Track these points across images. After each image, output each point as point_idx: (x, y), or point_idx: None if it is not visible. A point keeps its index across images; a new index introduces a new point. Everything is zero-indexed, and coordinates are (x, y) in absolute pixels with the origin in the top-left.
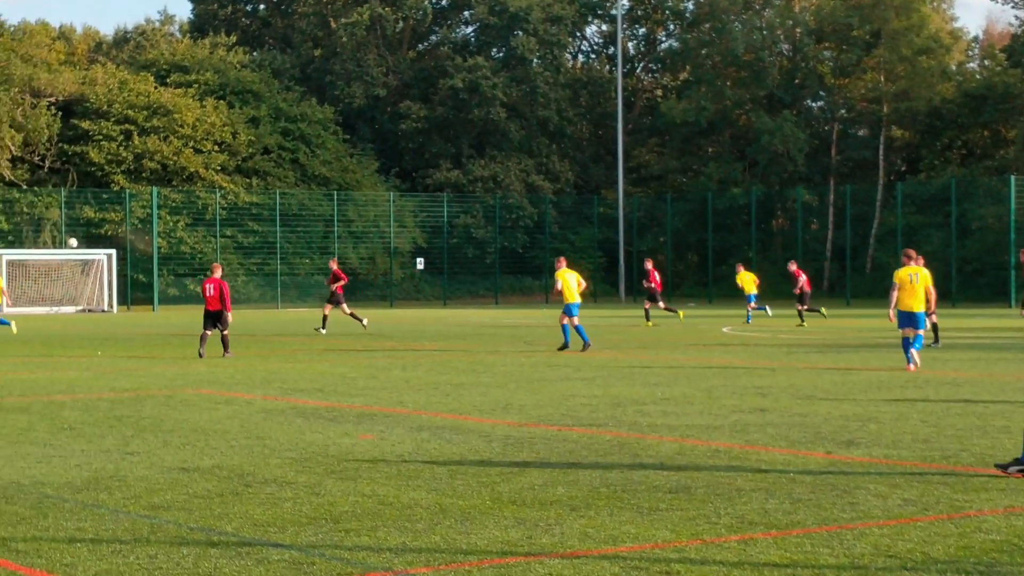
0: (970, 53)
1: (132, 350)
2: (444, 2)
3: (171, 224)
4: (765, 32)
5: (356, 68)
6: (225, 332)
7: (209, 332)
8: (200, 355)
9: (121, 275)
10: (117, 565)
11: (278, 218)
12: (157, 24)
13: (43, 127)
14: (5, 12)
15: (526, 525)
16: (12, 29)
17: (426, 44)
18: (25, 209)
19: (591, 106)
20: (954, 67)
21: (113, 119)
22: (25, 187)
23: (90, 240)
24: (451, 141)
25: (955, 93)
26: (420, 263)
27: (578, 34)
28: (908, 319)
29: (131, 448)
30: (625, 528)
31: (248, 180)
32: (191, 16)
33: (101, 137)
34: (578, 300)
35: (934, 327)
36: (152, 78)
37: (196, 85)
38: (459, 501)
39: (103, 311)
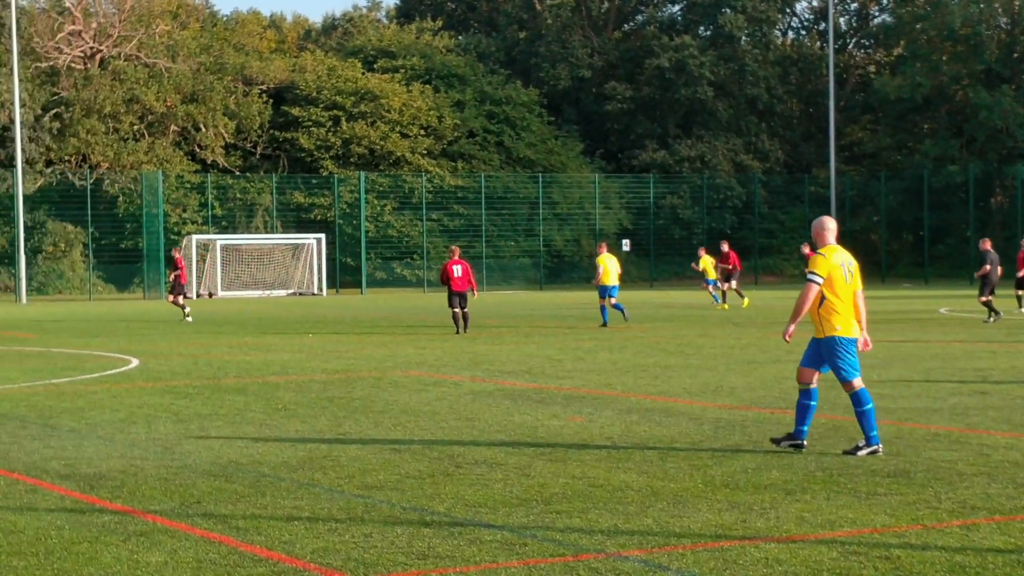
0: None
1: (342, 332)
2: None
3: (378, 208)
4: (983, 5)
5: (561, 50)
6: (466, 310)
7: (458, 310)
8: (457, 332)
9: (330, 259)
10: (333, 543)
11: (483, 201)
12: (364, 11)
13: (255, 114)
14: (219, 2)
15: (740, 509)
16: (225, 19)
17: (631, 24)
18: (238, 195)
19: (801, 83)
20: None
21: (322, 105)
22: (238, 173)
23: (300, 225)
24: (657, 121)
25: None
26: (626, 244)
27: (787, 10)
28: None
29: (343, 429)
30: (842, 512)
31: (453, 164)
32: (398, 2)
33: (310, 123)
34: (616, 283)
35: None
36: (359, 64)
37: (403, 70)
38: (671, 484)
39: (313, 294)
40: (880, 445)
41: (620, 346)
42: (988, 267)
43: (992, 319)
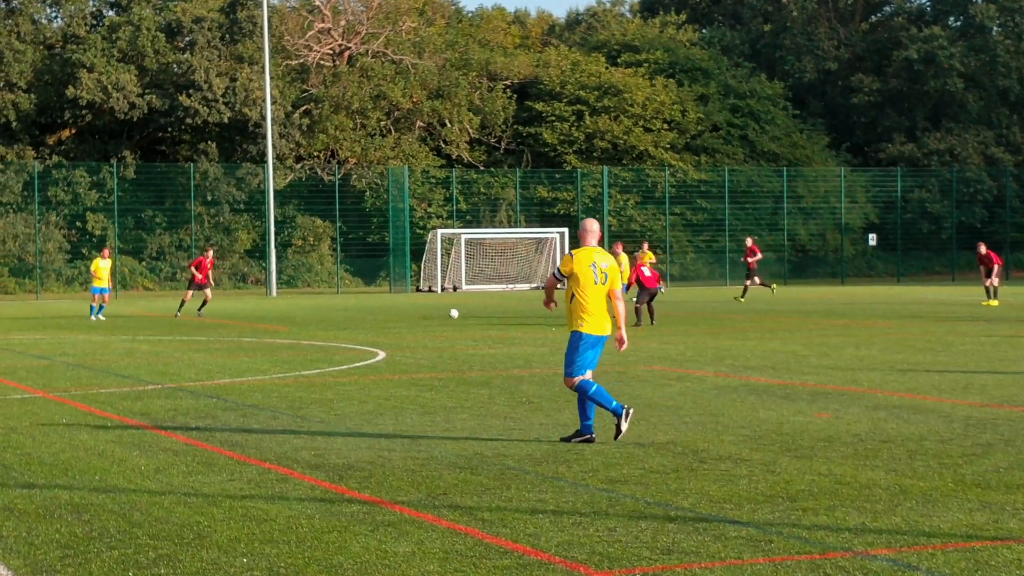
0: None
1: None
2: None
3: (621, 202)
4: None
5: (807, 42)
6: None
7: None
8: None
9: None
10: (578, 537)
11: (727, 195)
12: (608, 5)
13: (499, 110)
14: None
15: (992, 509)
16: (470, 15)
17: (879, 15)
18: (482, 189)
19: None
20: None
21: (565, 100)
22: (482, 168)
23: (543, 219)
24: (904, 114)
25: None
26: (872, 239)
27: None
28: None
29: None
30: None
31: (696, 158)
32: None
33: (554, 118)
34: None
35: None
36: (603, 59)
37: (646, 64)
38: (919, 482)
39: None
40: (594, 434)
41: (867, 342)
42: None
43: None
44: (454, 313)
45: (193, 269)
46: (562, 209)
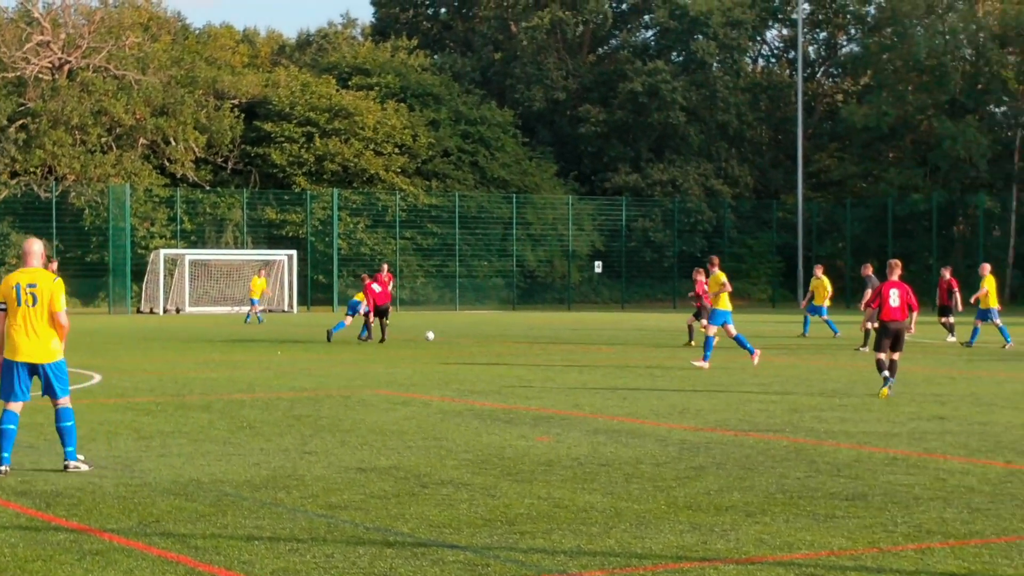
0: None
1: (311, 350)
2: (624, 6)
3: (351, 226)
4: (948, 37)
5: (536, 71)
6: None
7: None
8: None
9: (301, 276)
10: (294, 563)
11: (457, 220)
12: (339, 27)
13: (226, 129)
14: (191, 16)
15: (701, 530)
16: (197, 32)
17: (606, 48)
18: (208, 210)
19: (771, 110)
20: None
21: (295, 121)
22: (208, 188)
23: (271, 241)
24: (630, 145)
25: None
26: (598, 266)
27: (758, 38)
28: None
29: (309, 447)
30: (801, 535)
31: (428, 182)
32: (373, 19)
33: (283, 139)
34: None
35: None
36: (334, 81)
37: (377, 88)
38: (634, 505)
39: (283, 311)
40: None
41: (590, 367)
42: (870, 291)
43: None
44: (429, 335)
45: None
46: (291, 231)
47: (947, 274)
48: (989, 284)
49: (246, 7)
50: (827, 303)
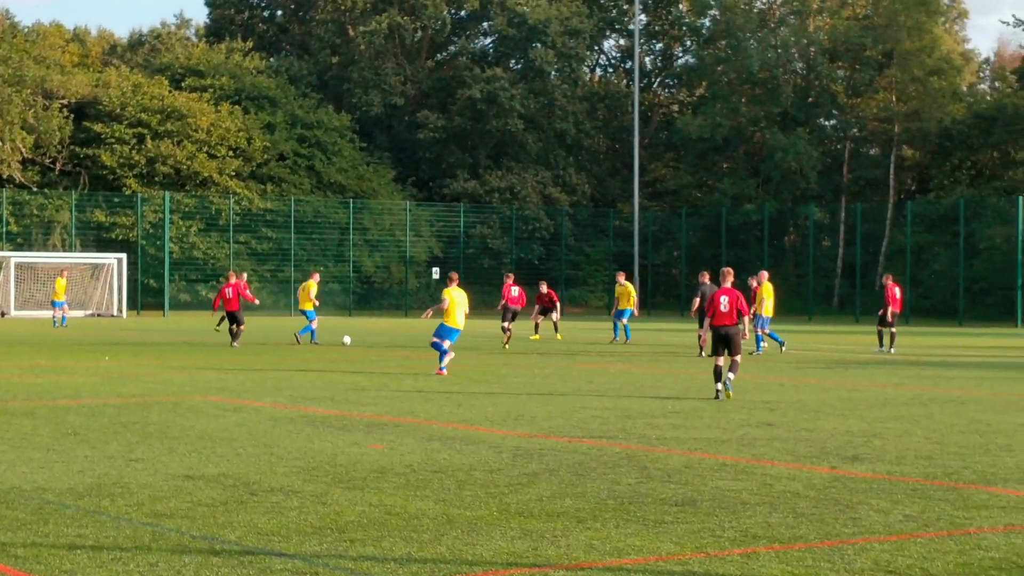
0: (981, 75)
1: (141, 356)
2: (463, 13)
3: (183, 229)
4: (780, 50)
5: (374, 76)
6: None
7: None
8: None
9: (132, 280)
10: (117, 572)
11: (293, 225)
12: (173, 28)
13: (55, 129)
14: (19, 13)
15: (532, 536)
16: (26, 30)
17: (444, 54)
18: (35, 211)
19: (608, 120)
20: (965, 88)
21: (126, 122)
22: (35, 189)
23: (100, 244)
24: (468, 151)
25: (965, 114)
26: (435, 272)
27: (596, 48)
28: None
29: (136, 455)
30: (630, 540)
31: (263, 186)
32: (207, 20)
33: (113, 140)
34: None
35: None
36: (166, 82)
37: (211, 90)
38: (466, 512)
39: (113, 316)
40: None
41: (425, 374)
42: (698, 299)
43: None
44: (346, 340)
45: None
46: (121, 234)
47: (889, 281)
48: (767, 292)
49: (77, 5)
50: (630, 307)
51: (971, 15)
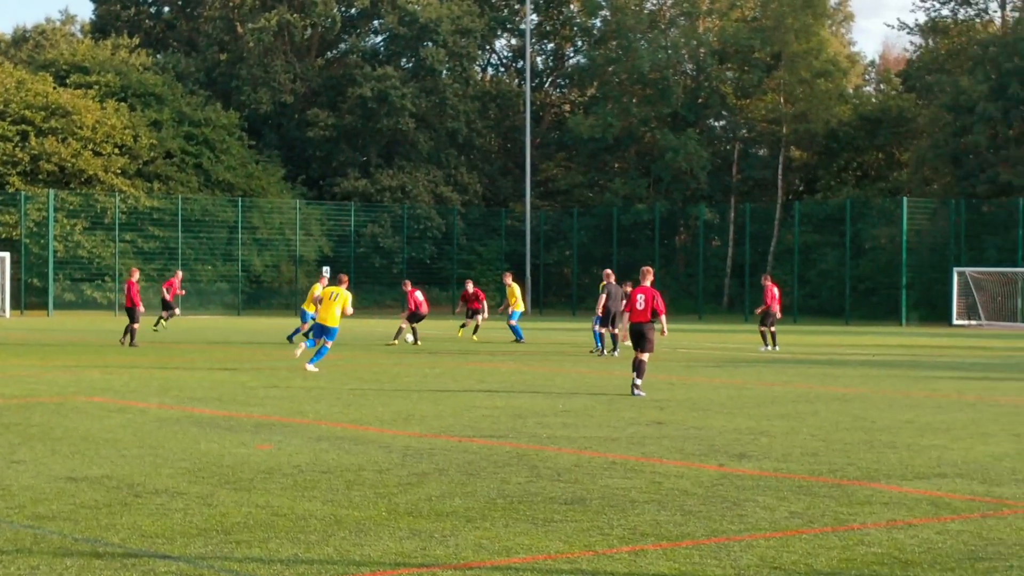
0: (867, 77)
1: (24, 356)
2: (353, 11)
3: (68, 228)
4: (670, 51)
5: (263, 74)
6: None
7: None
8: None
9: (15, 279)
10: None
11: (180, 224)
12: (57, 24)
13: None
14: None
15: (421, 536)
16: None
17: (335, 52)
18: None
19: (500, 119)
20: (851, 90)
21: (9, 119)
22: None
23: None
24: (359, 150)
25: (852, 116)
26: (326, 272)
27: (487, 47)
28: None
29: (17, 456)
30: (519, 539)
31: (149, 184)
32: (93, 17)
33: None
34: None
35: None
36: (51, 78)
37: (96, 87)
38: (355, 512)
39: None
40: None
41: (315, 374)
42: (604, 297)
43: (602, 352)
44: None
45: None
46: (4, 233)
47: (767, 281)
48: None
49: None
50: (519, 308)
51: (857, 18)
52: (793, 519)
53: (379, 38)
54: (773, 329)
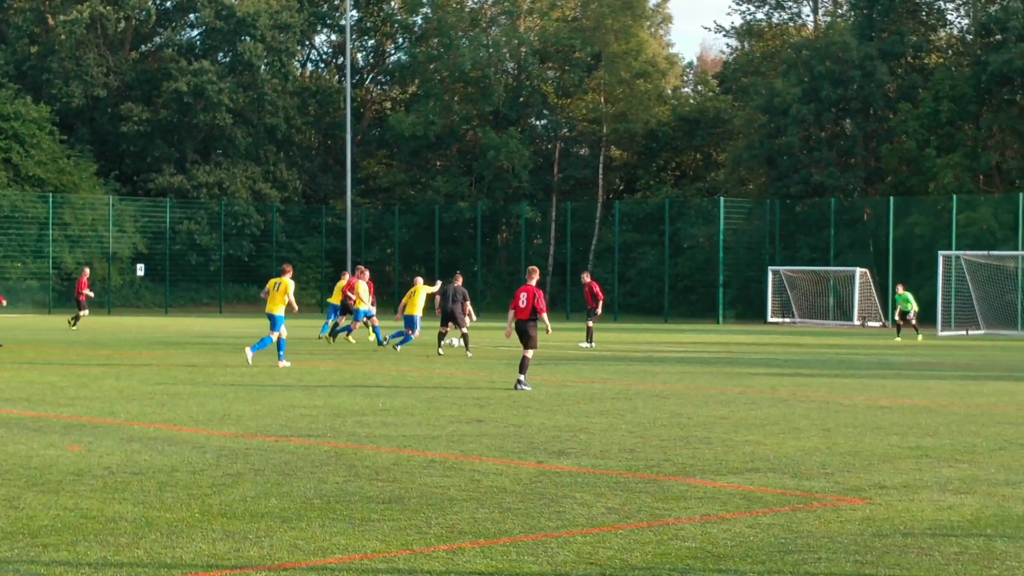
0: (685, 78)
1: None
2: (168, 4)
3: None
4: (491, 50)
5: (75, 67)
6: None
7: None
8: None
9: None
10: None
11: None
12: None
13: None
14: None
15: (235, 538)
16: None
17: (149, 45)
18: None
19: (320, 115)
20: (669, 91)
21: None
22: None
23: None
24: (175, 145)
25: (670, 116)
26: (140, 269)
27: (307, 42)
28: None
29: None
30: (336, 539)
31: None
32: None
33: None
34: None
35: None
36: None
37: None
38: (166, 514)
39: None
40: None
41: (128, 373)
42: (439, 298)
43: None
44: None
45: None
46: None
47: (587, 278)
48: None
49: None
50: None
51: (675, 20)
52: (610, 515)
53: (195, 32)
54: (590, 324)
